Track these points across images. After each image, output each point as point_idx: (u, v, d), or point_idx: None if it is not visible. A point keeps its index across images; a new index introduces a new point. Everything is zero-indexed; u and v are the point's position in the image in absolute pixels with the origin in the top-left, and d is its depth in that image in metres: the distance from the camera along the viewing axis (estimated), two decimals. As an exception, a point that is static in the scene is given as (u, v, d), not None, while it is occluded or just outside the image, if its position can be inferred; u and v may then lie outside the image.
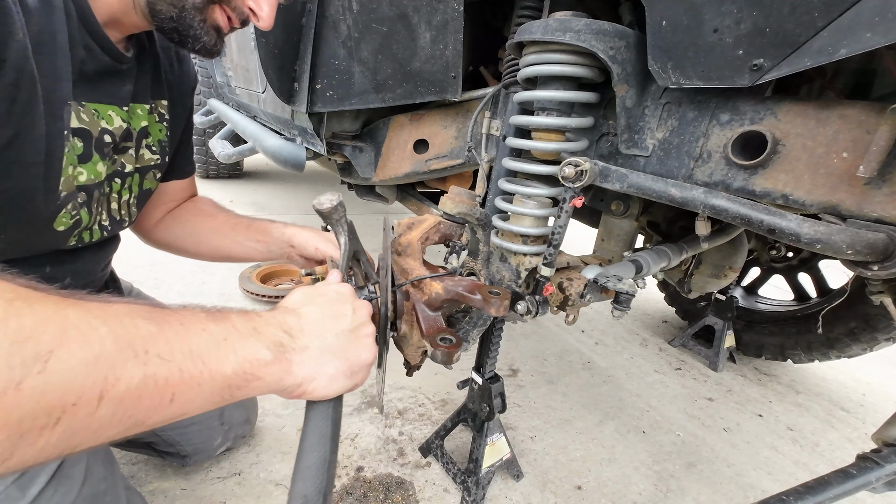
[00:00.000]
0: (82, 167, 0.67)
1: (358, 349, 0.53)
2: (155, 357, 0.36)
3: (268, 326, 0.47)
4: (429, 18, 0.98)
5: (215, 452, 1.10)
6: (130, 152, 0.78)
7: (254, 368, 0.43)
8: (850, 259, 0.60)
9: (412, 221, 0.87)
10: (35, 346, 0.29)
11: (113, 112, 0.72)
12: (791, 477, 1.39)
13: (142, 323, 0.37)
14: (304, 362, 0.48)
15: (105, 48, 0.66)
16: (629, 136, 0.78)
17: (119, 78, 0.72)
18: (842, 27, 0.50)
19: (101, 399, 0.32)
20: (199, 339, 0.40)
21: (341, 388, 0.51)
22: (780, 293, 2.14)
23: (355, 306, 0.56)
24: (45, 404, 0.29)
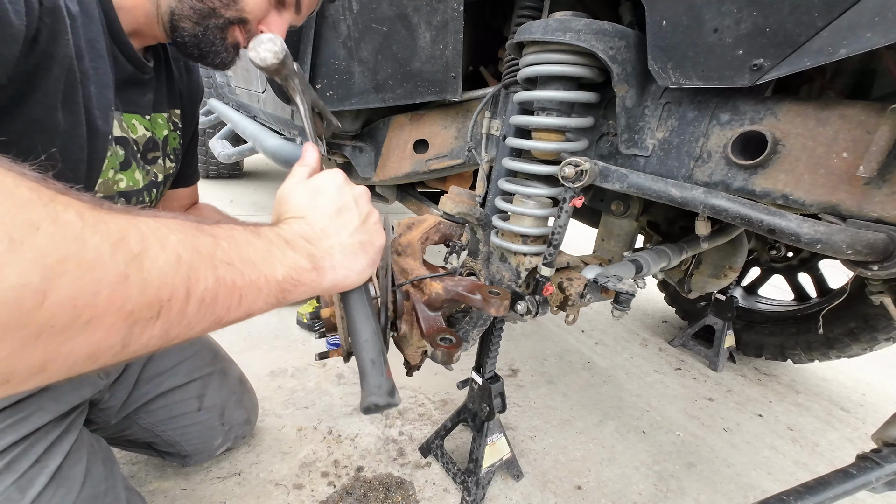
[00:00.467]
0: (123, 174, 0.70)
1: (372, 238, 0.55)
2: (220, 262, 0.38)
3: (295, 238, 0.49)
4: (429, 18, 0.98)
5: (215, 452, 1.10)
6: (160, 162, 0.82)
7: (298, 275, 0.46)
8: (850, 259, 0.60)
9: (412, 221, 0.87)
10: (127, 246, 0.31)
11: (136, 121, 0.75)
12: (791, 477, 1.39)
13: (201, 235, 0.39)
14: (333, 267, 0.50)
15: (129, 57, 0.70)
16: (629, 136, 0.78)
17: (141, 87, 0.75)
18: (842, 27, 0.50)
19: (188, 296, 0.35)
20: (249, 250, 0.42)
21: (368, 274, 0.55)
22: (780, 293, 2.14)
23: (355, 196, 0.56)
24: (146, 298, 0.32)
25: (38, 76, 0.51)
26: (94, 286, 0.28)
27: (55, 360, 0.28)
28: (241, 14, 0.72)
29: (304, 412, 1.36)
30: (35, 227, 0.26)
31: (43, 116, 0.53)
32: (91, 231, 0.29)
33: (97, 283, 0.28)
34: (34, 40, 0.48)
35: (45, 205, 0.28)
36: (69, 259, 0.27)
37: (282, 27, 0.78)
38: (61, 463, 0.67)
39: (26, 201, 0.27)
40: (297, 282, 0.45)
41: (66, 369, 0.29)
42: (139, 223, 0.34)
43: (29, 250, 0.25)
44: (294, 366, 1.58)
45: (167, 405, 0.98)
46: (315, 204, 0.53)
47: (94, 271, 0.28)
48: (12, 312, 0.25)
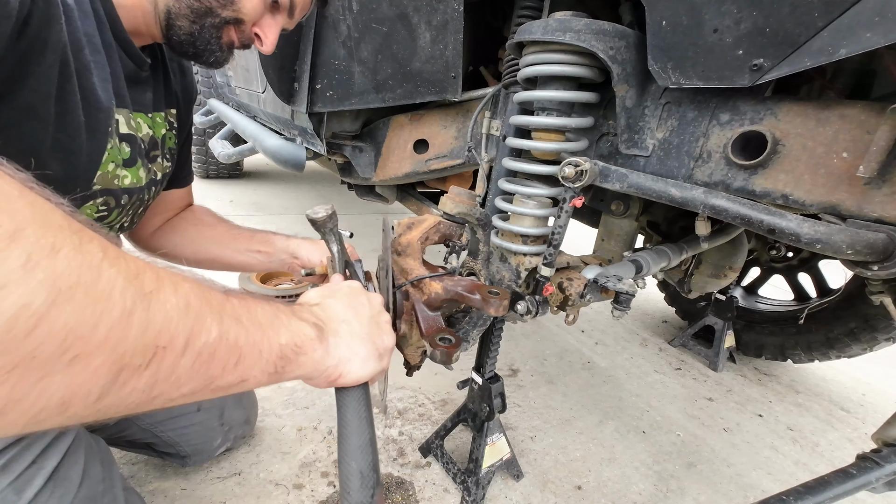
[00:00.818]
0: (127, 171, 0.70)
1: (381, 334, 0.56)
2: (228, 317, 0.38)
3: (303, 312, 0.50)
4: (429, 18, 0.98)
5: (215, 453, 1.10)
6: (160, 160, 0.82)
7: (302, 342, 0.45)
8: (850, 259, 0.60)
9: (412, 221, 0.87)
10: (141, 284, 0.30)
11: (141, 119, 0.75)
12: (791, 477, 1.39)
13: (212, 289, 0.39)
14: (338, 345, 0.50)
15: (131, 55, 0.70)
16: (629, 136, 0.78)
17: (142, 85, 0.76)
18: (842, 27, 0.50)
19: (186, 347, 0.33)
20: (257, 310, 0.42)
21: (372, 371, 0.54)
22: (780, 293, 2.14)
23: (369, 297, 0.60)
24: (144, 341, 0.30)
25: (31, 61, 0.51)
26: (94, 319, 0.27)
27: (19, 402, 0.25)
28: (237, 14, 0.73)
29: (304, 412, 1.36)
30: (56, 250, 0.26)
31: (36, 103, 0.53)
32: (109, 263, 0.29)
33: (98, 316, 0.27)
34: (26, 23, 0.48)
35: (74, 233, 0.27)
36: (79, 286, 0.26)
37: (275, 30, 0.79)
38: (58, 463, 0.67)
39: (57, 227, 0.26)
40: (299, 349, 0.45)
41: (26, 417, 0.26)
42: (157, 268, 0.34)
43: (43, 271, 0.24)
44: (294, 366, 1.58)
45: None
46: (330, 296, 0.56)
47: (99, 303, 0.27)
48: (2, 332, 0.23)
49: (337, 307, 0.54)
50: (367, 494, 0.44)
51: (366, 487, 0.44)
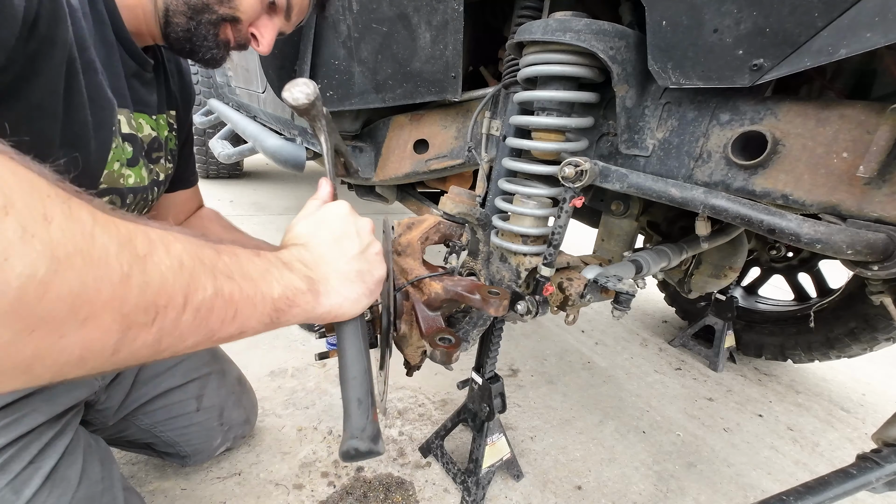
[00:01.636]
0: (131, 170, 0.71)
1: (370, 268, 0.55)
2: (221, 274, 0.39)
3: (293, 261, 0.50)
4: (429, 18, 0.98)
5: (215, 453, 1.10)
6: (162, 161, 0.83)
7: (293, 295, 0.46)
8: (850, 259, 0.60)
9: (412, 221, 0.87)
10: (134, 248, 0.32)
11: (144, 120, 0.75)
12: (791, 477, 1.39)
13: (204, 246, 0.40)
14: (329, 292, 0.50)
15: (133, 55, 0.70)
16: (629, 136, 0.78)
17: (146, 86, 0.76)
18: (842, 27, 0.50)
19: (185, 305, 0.35)
20: (248, 266, 0.43)
21: (364, 306, 0.54)
22: (780, 293, 2.14)
23: (357, 227, 0.57)
24: (144, 301, 0.32)
25: (40, 60, 0.51)
26: (96, 283, 0.28)
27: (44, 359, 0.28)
28: (234, 12, 0.73)
29: (304, 412, 1.36)
30: (49, 220, 0.27)
31: (46, 101, 0.54)
32: (101, 230, 0.30)
33: (100, 281, 0.29)
34: (34, 24, 0.49)
35: (63, 201, 0.28)
36: (77, 254, 0.27)
37: (272, 31, 0.79)
38: (56, 463, 0.67)
39: (44, 196, 0.27)
40: (291, 302, 0.46)
41: (53, 370, 0.29)
42: (147, 229, 0.35)
43: (40, 242, 0.26)
44: (294, 366, 1.58)
45: (165, 406, 0.98)
46: (317, 232, 0.54)
47: (98, 268, 0.29)
48: (13, 302, 0.25)
49: (323, 247, 0.53)
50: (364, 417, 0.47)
51: (363, 411, 0.47)
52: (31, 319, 0.26)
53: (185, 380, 1.01)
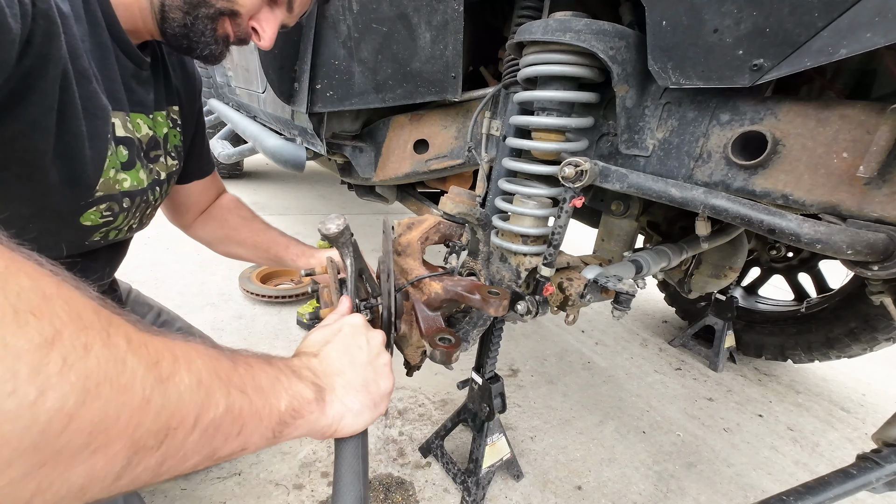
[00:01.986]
0: (126, 174, 0.70)
1: (377, 380, 0.55)
2: (235, 389, 0.38)
3: (302, 369, 0.50)
4: (429, 18, 0.98)
5: (215, 453, 1.10)
6: (162, 160, 0.82)
7: (300, 406, 0.45)
8: (850, 259, 0.60)
9: (412, 221, 0.87)
10: (159, 371, 0.31)
11: (141, 120, 0.74)
12: (791, 477, 1.39)
13: (222, 358, 0.40)
14: (333, 402, 0.50)
15: (130, 55, 0.69)
16: (629, 136, 0.78)
17: (143, 85, 0.75)
18: (842, 27, 0.50)
19: (195, 425, 0.34)
20: (261, 376, 0.43)
21: (367, 421, 0.53)
22: (781, 293, 2.14)
23: (369, 338, 0.58)
24: (157, 425, 0.30)
25: (34, 77, 0.51)
26: (117, 411, 0.27)
27: (44, 493, 0.25)
28: (232, 6, 0.70)
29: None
30: (88, 349, 0.26)
31: (40, 116, 0.53)
32: (133, 354, 0.29)
33: (121, 408, 0.27)
34: (28, 42, 0.48)
35: (103, 328, 0.28)
36: (106, 382, 0.27)
37: (273, 24, 0.76)
38: None
39: (88, 324, 0.27)
40: (297, 413, 0.45)
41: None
42: (173, 345, 0.34)
43: (76, 373, 0.25)
44: (294, 366, 1.58)
45: None
46: (329, 340, 0.56)
47: (123, 395, 0.28)
48: (36, 437, 0.23)
49: (334, 357, 0.54)
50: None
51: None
52: (46, 453, 0.24)
53: None
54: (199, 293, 2.05)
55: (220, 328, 1.75)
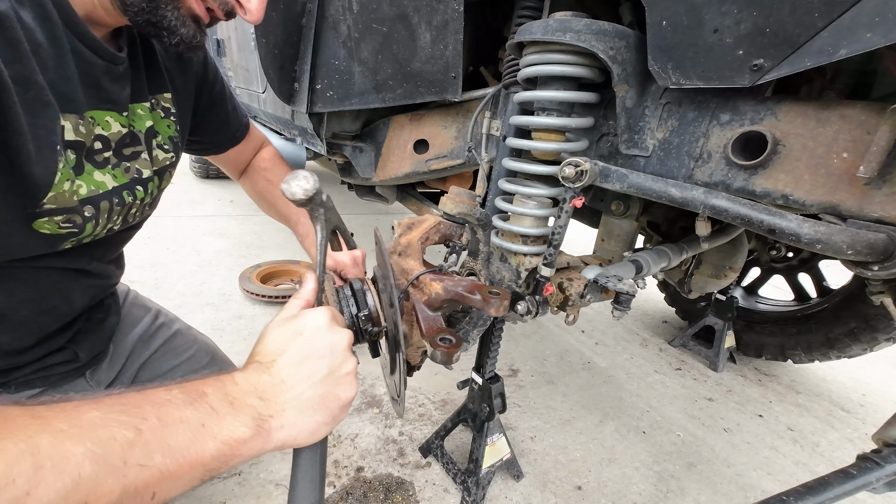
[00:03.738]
0: (80, 180, 0.63)
1: (337, 392, 0.51)
2: (134, 466, 0.36)
3: (244, 396, 0.46)
4: (429, 19, 0.98)
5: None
6: (144, 156, 0.75)
7: (233, 449, 0.42)
8: (850, 259, 0.60)
9: (412, 222, 0.87)
10: (13, 491, 0.29)
11: (111, 118, 0.67)
12: (791, 477, 1.39)
13: (118, 431, 0.36)
14: (283, 427, 0.46)
15: (96, 50, 0.61)
16: (629, 137, 0.78)
17: (115, 81, 0.67)
18: (842, 27, 0.50)
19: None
20: (177, 434, 0.39)
21: (324, 434, 0.50)
22: (781, 293, 2.14)
23: (332, 342, 0.51)
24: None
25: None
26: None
27: None
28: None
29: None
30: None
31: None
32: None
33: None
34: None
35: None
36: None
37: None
38: None
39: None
40: (230, 456, 0.42)
41: None
42: (39, 444, 0.32)
43: None
44: (294, 366, 1.58)
45: None
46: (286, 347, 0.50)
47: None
48: None
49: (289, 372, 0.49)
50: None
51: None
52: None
53: None
54: (198, 293, 2.05)
55: (220, 328, 1.75)
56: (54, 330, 0.75)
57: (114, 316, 0.91)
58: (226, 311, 1.89)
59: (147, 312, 1.04)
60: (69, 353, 0.78)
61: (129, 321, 0.98)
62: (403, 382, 0.70)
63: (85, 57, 0.60)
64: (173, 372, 1.00)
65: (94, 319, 0.84)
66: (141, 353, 0.98)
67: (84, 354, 0.81)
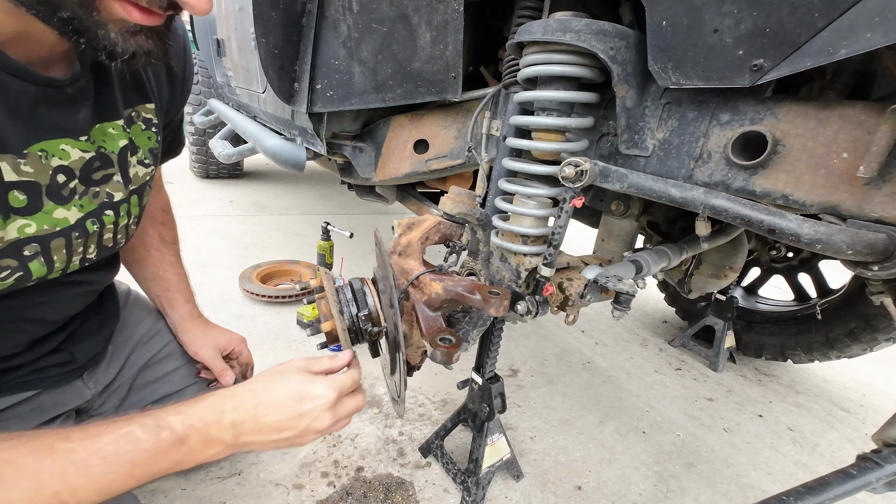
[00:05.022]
0: (28, 219, 0.57)
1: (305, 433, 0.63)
2: None
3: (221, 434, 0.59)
4: (429, 18, 0.98)
5: (215, 453, 1.10)
6: (116, 178, 0.69)
7: None
8: (850, 259, 0.60)
9: (412, 222, 0.87)
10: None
11: (67, 145, 0.60)
12: (791, 477, 1.39)
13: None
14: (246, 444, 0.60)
15: (24, 77, 0.53)
16: (629, 137, 0.78)
17: (60, 106, 0.59)
18: (842, 27, 0.50)
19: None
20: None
21: None
22: (781, 293, 2.14)
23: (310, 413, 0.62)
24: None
25: None
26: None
27: None
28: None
29: None
30: None
31: None
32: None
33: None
34: None
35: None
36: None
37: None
38: None
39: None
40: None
41: None
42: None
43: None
44: (294, 366, 1.58)
45: None
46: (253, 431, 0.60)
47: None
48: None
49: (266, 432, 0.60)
50: None
51: None
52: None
53: (184, 385, 1.00)
54: (198, 293, 2.03)
55: (220, 328, 1.75)
56: (45, 335, 0.73)
57: (112, 318, 0.91)
58: (226, 311, 1.89)
59: (148, 314, 1.04)
60: (65, 355, 0.78)
61: (129, 322, 0.97)
62: (403, 382, 0.70)
63: (10, 87, 0.52)
64: (172, 375, 0.99)
65: (91, 321, 0.83)
66: (141, 355, 0.97)
67: (81, 356, 0.80)
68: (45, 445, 0.49)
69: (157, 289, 1.04)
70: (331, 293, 0.71)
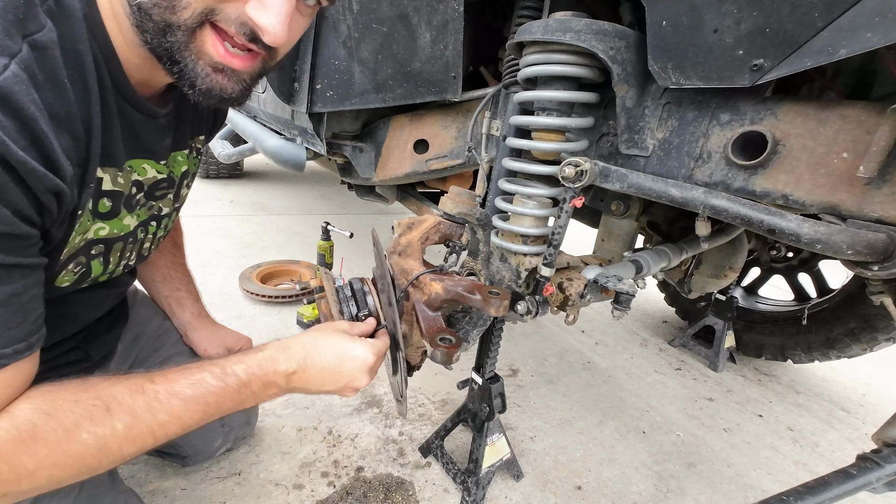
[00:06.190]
0: (105, 223, 0.65)
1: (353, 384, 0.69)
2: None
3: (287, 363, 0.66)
4: (429, 18, 0.98)
5: (215, 454, 1.10)
6: (169, 196, 0.79)
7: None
8: (850, 259, 0.60)
9: (412, 221, 0.87)
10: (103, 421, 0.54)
11: (148, 165, 0.70)
12: (791, 477, 1.39)
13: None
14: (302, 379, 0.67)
15: (139, 108, 0.63)
16: (629, 137, 0.78)
17: (155, 133, 0.69)
18: (842, 27, 0.50)
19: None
20: None
21: None
22: (780, 293, 2.14)
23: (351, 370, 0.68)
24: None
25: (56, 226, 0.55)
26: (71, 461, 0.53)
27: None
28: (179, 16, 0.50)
29: (304, 412, 1.36)
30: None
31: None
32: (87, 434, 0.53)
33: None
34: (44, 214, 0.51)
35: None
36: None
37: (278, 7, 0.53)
38: None
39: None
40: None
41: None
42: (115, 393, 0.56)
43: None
44: (294, 366, 1.58)
45: None
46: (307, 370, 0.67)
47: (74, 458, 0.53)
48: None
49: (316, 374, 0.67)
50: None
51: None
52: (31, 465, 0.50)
53: None
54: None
55: (220, 328, 1.75)
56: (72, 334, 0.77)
57: (122, 317, 0.93)
58: (226, 311, 1.89)
59: (156, 313, 1.05)
60: (81, 353, 0.80)
61: (137, 322, 0.99)
62: (404, 382, 0.70)
63: (127, 114, 0.62)
64: None
65: (103, 320, 0.85)
66: (149, 354, 0.99)
67: (95, 354, 0.83)
68: (137, 386, 0.57)
69: (167, 289, 1.06)
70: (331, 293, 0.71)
